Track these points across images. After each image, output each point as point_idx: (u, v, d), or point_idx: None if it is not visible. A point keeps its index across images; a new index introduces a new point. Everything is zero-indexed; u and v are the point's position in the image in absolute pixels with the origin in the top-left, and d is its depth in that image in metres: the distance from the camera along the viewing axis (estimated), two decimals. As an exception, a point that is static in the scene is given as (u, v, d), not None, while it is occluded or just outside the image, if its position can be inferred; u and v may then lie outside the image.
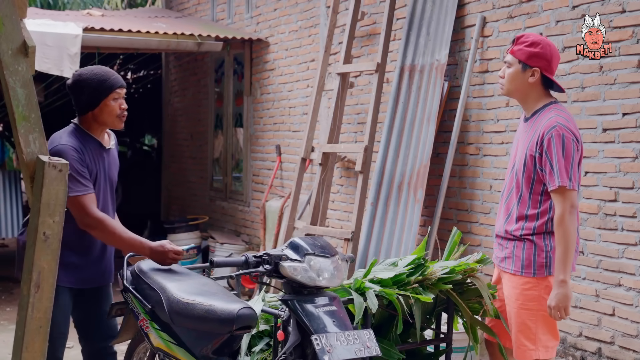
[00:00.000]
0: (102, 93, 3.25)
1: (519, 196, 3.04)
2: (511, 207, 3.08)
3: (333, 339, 2.60)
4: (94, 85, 3.24)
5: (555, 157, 2.90)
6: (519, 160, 3.06)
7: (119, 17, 8.57)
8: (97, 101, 3.26)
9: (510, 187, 3.10)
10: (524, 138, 3.08)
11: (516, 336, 3.05)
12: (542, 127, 2.97)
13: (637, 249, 3.92)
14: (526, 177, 3.01)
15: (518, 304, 3.03)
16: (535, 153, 2.97)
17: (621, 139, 4.00)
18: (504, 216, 3.14)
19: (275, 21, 7.49)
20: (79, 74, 3.28)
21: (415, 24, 5.38)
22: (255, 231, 7.75)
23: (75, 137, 3.26)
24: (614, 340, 4.05)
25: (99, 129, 3.34)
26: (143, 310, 3.07)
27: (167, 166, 10.73)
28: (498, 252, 3.16)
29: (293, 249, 2.81)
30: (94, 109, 3.28)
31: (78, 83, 3.27)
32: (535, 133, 3.00)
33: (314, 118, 6.24)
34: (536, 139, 2.97)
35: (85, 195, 3.12)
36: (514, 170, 3.09)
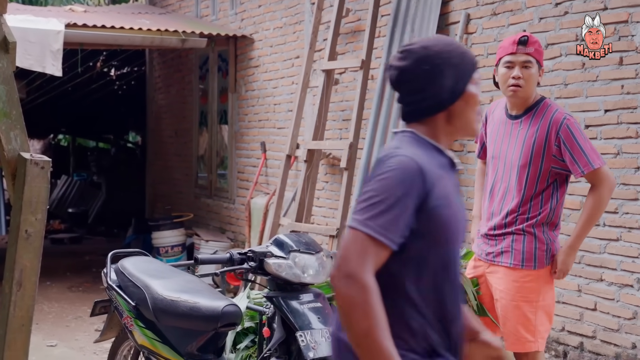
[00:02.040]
0: (465, 75, 1.84)
1: (522, 192, 3.04)
2: (509, 204, 3.08)
3: (318, 335, 2.60)
4: (454, 62, 1.81)
5: (580, 144, 2.96)
6: (520, 158, 3.05)
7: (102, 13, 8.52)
8: (460, 90, 1.83)
9: (506, 185, 3.11)
10: (520, 136, 3.07)
11: (515, 328, 3.07)
12: (550, 122, 3.00)
13: (619, 245, 3.96)
14: (532, 173, 3.03)
15: (518, 296, 3.05)
16: (545, 146, 2.99)
17: (603, 135, 4.04)
18: (498, 213, 3.13)
19: (259, 18, 7.47)
20: (424, 46, 1.82)
21: (399, 21, 5.39)
22: (240, 228, 7.73)
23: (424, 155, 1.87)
24: (595, 334, 4.09)
25: (447, 138, 1.90)
26: (127, 308, 3.06)
27: (152, 164, 10.69)
28: (488, 247, 3.16)
29: (278, 245, 2.81)
30: (453, 104, 1.83)
31: (428, 60, 1.80)
32: (540, 129, 3.01)
33: (299, 115, 6.23)
34: (545, 134, 2.99)
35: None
36: (512, 169, 3.08)
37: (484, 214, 3.22)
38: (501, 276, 3.12)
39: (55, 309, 6.59)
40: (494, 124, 3.23)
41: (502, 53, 3.09)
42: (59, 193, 13.99)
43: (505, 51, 3.08)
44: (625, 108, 3.91)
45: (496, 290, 3.14)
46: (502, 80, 3.07)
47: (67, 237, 11.15)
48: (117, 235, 11.08)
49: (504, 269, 3.09)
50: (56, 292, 7.22)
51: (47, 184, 2.37)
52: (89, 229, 12.12)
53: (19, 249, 2.35)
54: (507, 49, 3.06)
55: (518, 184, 3.06)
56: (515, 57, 3.03)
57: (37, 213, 2.36)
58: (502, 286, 3.12)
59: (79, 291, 7.38)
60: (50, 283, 7.53)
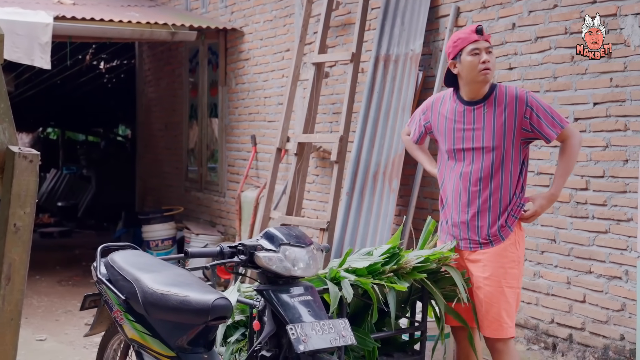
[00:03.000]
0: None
1: (501, 172, 3.20)
2: (488, 187, 3.20)
3: (308, 328, 2.61)
4: None
5: (547, 111, 3.21)
6: (493, 139, 3.19)
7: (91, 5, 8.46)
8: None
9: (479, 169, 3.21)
10: (487, 119, 3.21)
11: (499, 314, 3.19)
12: (516, 99, 3.19)
13: (607, 237, 3.98)
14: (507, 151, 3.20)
15: (504, 283, 3.19)
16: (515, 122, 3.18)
17: (592, 128, 4.06)
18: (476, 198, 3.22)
19: (249, 10, 7.45)
20: None
21: (389, 14, 5.39)
22: (230, 222, 7.73)
23: None
24: (584, 326, 4.11)
25: None
26: (117, 302, 3.05)
27: (142, 157, 10.65)
28: (474, 235, 3.23)
29: (268, 239, 2.81)
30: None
31: None
32: (507, 107, 3.19)
33: (289, 108, 6.23)
34: (514, 111, 3.18)
35: None
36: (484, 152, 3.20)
37: (457, 203, 3.28)
38: (486, 263, 3.20)
39: (45, 303, 6.57)
40: (445, 116, 3.32)
41: (464, 43, 3.24)
42: (48, 186, 13.94)
43: (466, 41, 3.23)
44: (614, 101, 3.93)
45: (479, 277, 3.22)
46: (471, 67, 3.21)
47: (56, 230, 11.11)
48: (107, 229, 11.05)
49: (492, 255, 3.19)
50: (46, 286, 7.20)
51: (35, 178, 2.35)
52: (79, 222, 12.08)
53: (7, 242, 2.33)
54: (468, 38, 3.22)
55: (495, 166, 3.19)
56: (480, 44, 3.21)
57: (26, 207, 2.35)
58: (487, 273, 3.20)
59: (69, 285, 7.36)
60: (40, 277, 7.51)
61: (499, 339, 3.22)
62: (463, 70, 3.23)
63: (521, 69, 4.46)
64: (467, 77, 3.23)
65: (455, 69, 3.27)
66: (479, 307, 3.23)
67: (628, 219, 3.87)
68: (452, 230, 3.31)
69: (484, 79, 3.21)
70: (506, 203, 3.20)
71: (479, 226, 3.22)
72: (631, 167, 3.85)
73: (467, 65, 3.21)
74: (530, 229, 4.41)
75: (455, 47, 3.26)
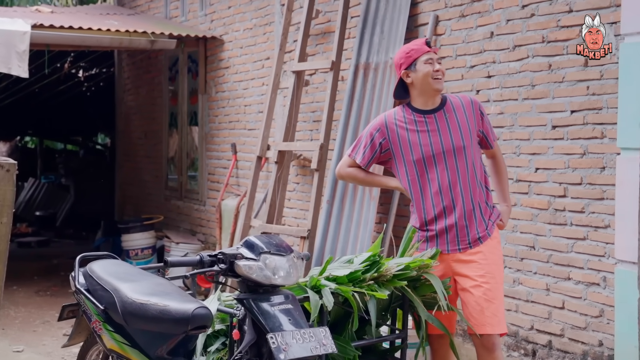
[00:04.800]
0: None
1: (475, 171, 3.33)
2: (467, 190, 3.30)
3: (289, 337, 2.60)
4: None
5: (488, 120, 3.47)
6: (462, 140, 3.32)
7: (69, 14, 8.42)
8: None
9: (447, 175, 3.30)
10: (451, 123, 3.34)
11: (497, 309, 3.27)
12: (465, 103, 3.39)
13: (586, 243, 4.02)
14: (475, 152, 3.36)
15: (499, 279, 3.33)
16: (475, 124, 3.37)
17: (570, 135, 4.10)
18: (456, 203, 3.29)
19: (229, 19, 7.45)
20: None
21: (369, 23, 5.41)
22: (211, 230, 7.70)
23: None
24: (563, 332, 4.14)
25: None
26: (96, 312, 3.03)
27: (121, 165, 10.58)
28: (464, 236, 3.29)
29: (248, 247, 2.80)
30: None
31: None
32: (466, 111, 3.37)
33: (270, 116, 6.22)
34: (472, 113, 3.37)
35: None
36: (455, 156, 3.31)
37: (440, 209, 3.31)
38: (480, 261, 3.27)
39: (22, 313, 6.49)
40: (404, 129, 3.36)
41: (418, 53, 3.36)
42: (26, 196, 13.79)
43: (420, 52, 3.36)
44: (591, 109, 3.97)
45: (474, 277, 3.26)
46: (426, 76, 3.33)
47: (34, 240, 10.99)
48: (86, 238, 10.95)
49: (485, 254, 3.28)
50: (23, 297, 7.12)
51: (12, 187, 2.33)
52: (57, 232, 11.96)
53: (-16, 253, 2.31)
54: (422, 49, 3.37)
55: (469, 164, 3.31)
56: (432, 55, 3.37)
57: (3, 216, 2.33)
58: (483, 271, 3.27)
59: (47, 295, 7.28)
60: (17, 287, 7.42)
61: (498, 334, 3.28)
62: (417, 79, 3.33)
63: (499, 77, 4.49)
64: (421, 86, 3.34)
65: (408, 78, 3.36)
66: (475, 307, 3.24)
67: (606, 225, 3.91)
68: (436, 240, 3.32)
69: (437, 87, 3.34)
70: (484, 200, 3.35)
71: (467, 225, 3.27)
72: (608, 174, 3.89)
73: (422, 75, 3.32)
74: (510, 236, 4.43)
75: (408, 57, 3.36)
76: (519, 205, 4.37)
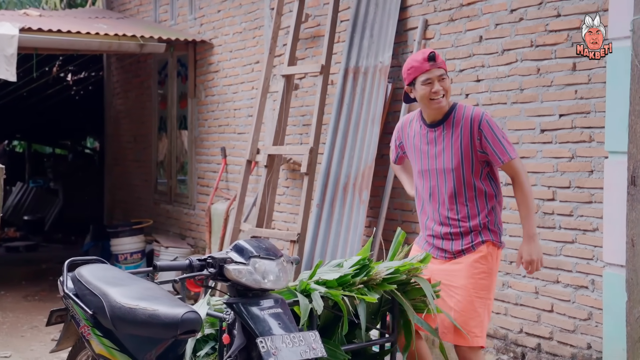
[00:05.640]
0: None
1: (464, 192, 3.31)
2: (454, 207, 3.32)
3: (278, 341, 2.59)
4: None
5: (497, 137, 3.29)
6: (452, 161, 3.31)
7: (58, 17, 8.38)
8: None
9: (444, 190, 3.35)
10: (446, 141, 3.33)
11: (466, 323, 3.26)
12: (471, 120, 3.30)
13: (574, 247, 4.03)
14: (467, 171, 3.31)
15: (473, 292, 3.28)
16: (472, 143, 3.29)
17: (558, 139, 4.12)
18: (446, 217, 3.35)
19: (219, 23, 7.44)
20: None
21: (358, 27, 5.42)
22: (200, 234, 7.68)
23: None
24: (552, 335, 4.16)
25: None
26: (84, 317, 3.01)
27: (110, 169, 10.54)
28: (448, 247, 3.34)
29: (238, 251, 2.79)
30: None
31: None
32: (463, 128, 3.30)
33: (259, 120, 6.22)
34: (469, 132, 3.28)
35: None
36: (447, 173, 3.33)
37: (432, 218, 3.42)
38: (458, 273, 3.30)
39: (10, 318, 6.45)
40: (413, 137, 3.46)
41: (417, 72, 3.32)
42: (14, 200, 13.71)
43: (419, 70, 3.30)
44: (579, 113, 3.99)
45: (450, 287, 3.32)
46: (424, 97, 3.31)
47: (22, 245, 10.92)
48: (75, 243, 10.90)
49: (464, 266, 3.29)
50: (11, 302, 7.07)
51: (0, 191, 2.32)
52: (46, 236, 11.89)
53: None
54: (421, 67, 3.30)
55: (448, 187, 3.32)
56: (432, 74, 3.29)
57: (-10, 221, 2.31)
58: (458, 283, 3.30)
59: (35, 300, 7.24)
60: (5, 292, 7.37)
61: (467, 347, 3.29)
62: (417, 97, 3.36)
63: (488, 81, 4.51)
64: (421, 103, 3.38)
65: (411, 93, 3.39)
66: (445, 316, 3.28)
67: (594, 228, 3.93)
68: (431, 240, 3.42)
69: (435, 107, 3.32)
70: (475, 222, 3.31)
71: (453, 240, 3.34)
72: (596, 177, 3.91)
73: (420, 95, 3.33)
74: (499, 240, 4.45)
75: (409, 75, 3.37)
76: (508, 209, 4.39)
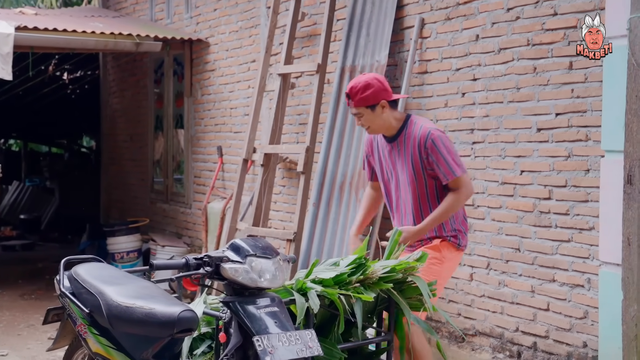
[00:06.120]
0: None
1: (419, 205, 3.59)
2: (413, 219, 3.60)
3: (275, 339, 2.60)
4: None
5: (443, 155, 3.49)
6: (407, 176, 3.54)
7: (54, 16, 8.37)
8: None
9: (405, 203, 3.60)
10: (401, 156, 3.55)
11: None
12: (417, 137, 3.52)
13: (570, 245, 4.04)
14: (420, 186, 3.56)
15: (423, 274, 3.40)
16: (421, 160, 3.52)
17: (555, 138, 4.12)
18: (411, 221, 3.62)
19: (215, 21, 7.43)
20: None
21: (355, 25, 5.42)
22: (197, 233, 7.67)
23: None
24: (548, 334, 4.16)
25: None
26: (81, 315, 3.01)
27: (106, 168, 10.53)
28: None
29: (234, 250, 2.79)
30: None
31: None
32: (412, 146, 3.53)
33: (256, 119, 6.22)
34: (417, 150, 3.51)
35: None
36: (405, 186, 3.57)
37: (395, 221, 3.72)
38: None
39: (7, 317, 6.44)
40: (379, 150, 3.70)
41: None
42: (10, 199, 13.69)
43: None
44: (576, 112, 4.00)
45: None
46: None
47: (18, 243, 10.90)
48: (71, 242, 10.88)
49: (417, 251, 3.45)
50: (7, 300, 7.06)
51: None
52: (42, 235, 11.87)
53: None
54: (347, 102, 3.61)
55: (413, 200, 3.55)
56: (351, 110, 3.62)
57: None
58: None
59: (32, 299, 7.23)
60: (1, 291, 7.36)
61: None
62: None
63: (485, 80, 4.51)
64: None
65: None
66: None
67: (590, 227, 3.93)
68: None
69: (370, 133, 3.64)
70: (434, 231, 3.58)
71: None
72: (593, 176, 3.91)
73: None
74: (495, 238, 4.46)
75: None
76: (504, 208, 4.40)
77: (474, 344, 4.63)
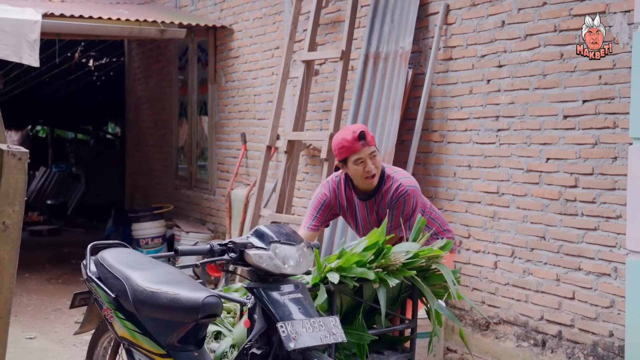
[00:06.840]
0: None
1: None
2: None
3: (299, 326, 2.61)
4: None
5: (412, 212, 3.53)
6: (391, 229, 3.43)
7: (80, 3, 8.41)
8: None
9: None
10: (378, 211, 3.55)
11: None
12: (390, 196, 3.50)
13: (596, 234, 4.00)
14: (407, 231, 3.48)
15: None
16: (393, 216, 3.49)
17: (581, 125, 4.07)
18: None
19: (239, 8, 7.43)
20: None
21: (379, 12, 5.39)
22: (220, 219, 7.72)
23: None
24: (574, 323, 4.13)
25: None
26: (107, 300, 3.04)
27: (131, 155, 10.62)
28: None
29: (258, 236, 2.80)
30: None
31: None
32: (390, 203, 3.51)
33: (279, 106, 6.22)
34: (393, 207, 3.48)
35: None
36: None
37: None
38: None
39: (34, 301, 6.54)
40: (347, 204, 3.62)
41: (348, 152, 3.43)
42: (37, 184, 13.87)
43: (350, 151, 3.41)
44: (603, 99, 3.95)
45: None
46: (358, 175, 3.46)
47: (45, 229, 11.06)
48: (97, 227, 11.02)
49: None
50: (35, 284, 7.17)
51: (24, 176, 2.35)
52: (68, 220, 12.03)
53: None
54: (352, 148, 3.41)
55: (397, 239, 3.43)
56: (363, 153, 3.41)
57: (15, 205, 2.34)
58: None
59: (58, 283, 7.33)
60: (29, 275, 7.47)
61: None
62: (350, 174, 3.50)
63: (510, 66, 4.47)
64: (354, 180, 3.51)
65: (343, 169, 3.52)
66: None
67: (617, 216, 3.89)
68: None
69: (367, 185, 3.47)
70: None
71: None
72: (620, 164, 3.87)
73: (353, 173, 3.46)
74: (520, 227, 4.42)
75: (340, 154, 3.47)
76: (529, 196, 4.36)
77: (497, 332, 4.61)
